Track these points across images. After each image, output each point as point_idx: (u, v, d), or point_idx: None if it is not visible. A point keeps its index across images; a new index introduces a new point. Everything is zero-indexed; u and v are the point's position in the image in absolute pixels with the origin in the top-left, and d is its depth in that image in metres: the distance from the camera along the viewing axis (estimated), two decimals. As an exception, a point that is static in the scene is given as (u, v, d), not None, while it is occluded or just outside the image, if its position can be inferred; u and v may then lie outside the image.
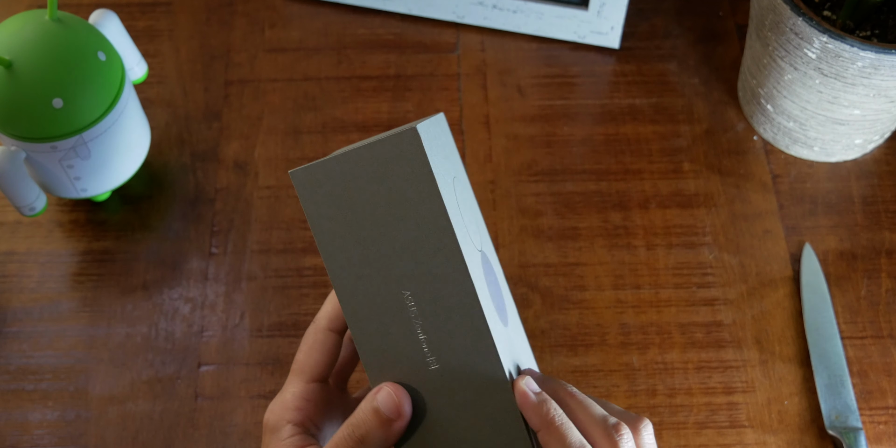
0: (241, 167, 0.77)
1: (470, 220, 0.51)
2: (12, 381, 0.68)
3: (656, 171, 0.77)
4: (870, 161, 0.77)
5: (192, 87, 0.81)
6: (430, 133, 0.49)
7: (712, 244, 0.73)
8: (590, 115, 0.79)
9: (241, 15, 0.85)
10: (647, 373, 0.68)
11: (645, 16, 0.85)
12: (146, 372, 0.69)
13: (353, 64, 0.82)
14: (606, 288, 0.72)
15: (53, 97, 0.64)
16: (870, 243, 0.73)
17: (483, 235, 0.54)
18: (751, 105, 0.78)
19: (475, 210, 0.54)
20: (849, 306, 0.71)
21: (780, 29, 0.69)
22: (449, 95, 0.80)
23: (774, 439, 0.66)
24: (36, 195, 0.69)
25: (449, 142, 0.53)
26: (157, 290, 0.72)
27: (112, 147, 0.69)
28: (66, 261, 0.73)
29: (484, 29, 0.84)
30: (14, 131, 0.66)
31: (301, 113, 0.80)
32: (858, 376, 0.68)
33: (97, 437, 0.66)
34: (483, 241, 0.53)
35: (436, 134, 0.50)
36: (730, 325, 0.70)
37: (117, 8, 0.84)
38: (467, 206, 0.52)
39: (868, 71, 0.66)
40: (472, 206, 0.53)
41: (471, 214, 0.52)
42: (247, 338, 0.70)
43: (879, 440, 0.65)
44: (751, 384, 0.68)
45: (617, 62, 0.82)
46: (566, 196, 0.75)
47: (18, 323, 0.71)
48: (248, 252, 0.73)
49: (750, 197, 0.75)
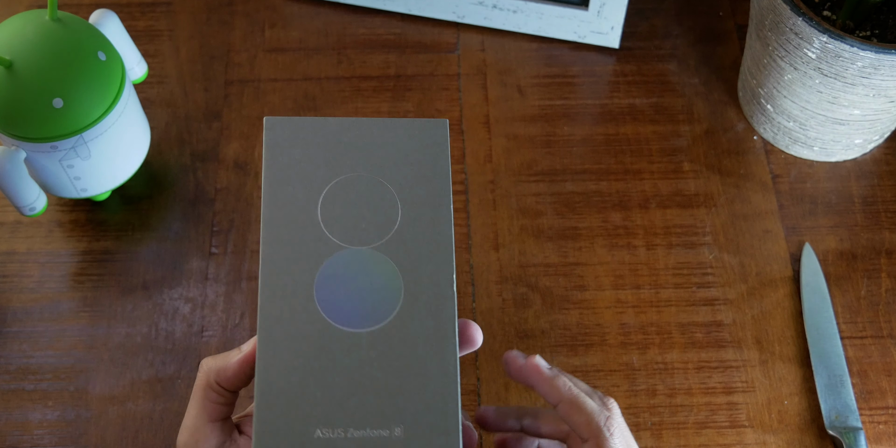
0: (241, 167, 0.77)
1: (360, 219, 0.52)
2: (12, 381, 0.68)
3: (656, 171, 0.77)
4: (870, 161, 0.77)
5: (192, 87, 0.81)
6: (311, 130, 0.52)
7: (712, 244, 0.73)
8: (590, 115, 0.79)
9: (241, 15, 0.85)
10: (647, 373, 0.68)
11: (645, 16, 0.85)
12: (146, 372, 0.69)
13: (353, 64, 0.82)
14: (606, 288, 0.72)
15: (53, 97, 0.64)
16: (870, 243, 0.73)
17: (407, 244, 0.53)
18: (751, 105, 0.78)
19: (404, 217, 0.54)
20: (849, 306, 0.71)
21: (780, 29, 0.69)
22: (449, 95, 0.80)
23: (774, 439, 0.66)
24: (36, 195, 0.69)
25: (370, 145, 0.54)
26: (157, 290, 0.72)
27: (112, 147, 0.69)
28: (66, 261, 0.73)
29: (484, 29, 0.84)
30: (14, 131, 0.66)
31: (301, 113, 0.80)
32: (858, 376, 0.68)
33: (97, 437, 0.66)
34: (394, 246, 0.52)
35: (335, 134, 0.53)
36: (730, 325, 0.70)
37: (117, 8, 0.84)
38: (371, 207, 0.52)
39: (868, 71, 0.66)
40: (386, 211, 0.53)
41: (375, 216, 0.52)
42: (247, 338, 0.70)
43: (879, 440, 0.66)
44: (751, 384, 0.68)
45: (617, 62, 0.82)
46: (566, 196, 0.75)
47: (18, 323, 0.71)
48: (248, 252, 0.73)
49: (750, 197, 0.75)
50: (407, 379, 0.49)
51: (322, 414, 0.48)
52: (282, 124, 0.52)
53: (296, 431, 0.47)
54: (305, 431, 0.47)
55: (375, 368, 0.49)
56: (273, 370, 0.48)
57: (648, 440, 0.66)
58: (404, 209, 0.52)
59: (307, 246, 0.51)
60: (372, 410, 0.48)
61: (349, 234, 0.51)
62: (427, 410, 0.48)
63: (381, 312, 0.50)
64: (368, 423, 0.48)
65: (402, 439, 0.47)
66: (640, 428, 0.66)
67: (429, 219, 0.51)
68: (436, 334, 0.49)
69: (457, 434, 0.48)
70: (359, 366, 0.49)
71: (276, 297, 0.50)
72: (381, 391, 0.48)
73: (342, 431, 0.48)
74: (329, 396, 0.48)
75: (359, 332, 0.49)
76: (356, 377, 0.48)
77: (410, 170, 0.52)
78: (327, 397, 0.48)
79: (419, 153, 0.52)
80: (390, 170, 0.52)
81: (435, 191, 0.52)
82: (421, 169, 0.52)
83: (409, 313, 0.50)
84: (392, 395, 0.48)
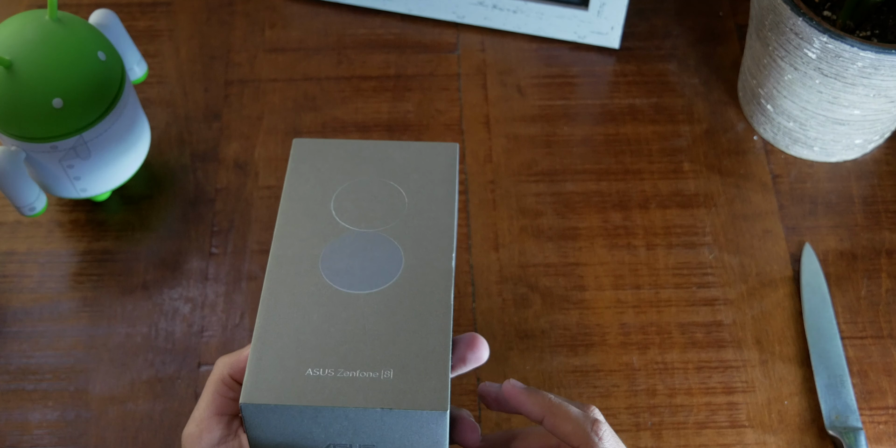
0: (241, 167, 0.77)
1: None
2: (12, 381, 0.68)
3: (656, 171, 0.77)
4: (870, 161, 0.77)
5: (192, 87, 0.81)
6: (320, 150, 0.58)
7: (712, 244, 0.73)
8: (590, 115, 0.79)
9: (241, 15, 0.85)
10: (647, 373, 0.68)
11: (645, 16, 0.85)
12: (146, 372, 0.69)
13: (353, 64, 0.82)
14: (606, 288, 0.72)
15: (53, 97, 0.64)
16: (870, 243, 0.73)
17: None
18: (751, 105, 0.78)
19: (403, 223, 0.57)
20: (849, 306, 0.71)
21: (780, 29, 0.69)
22: (449, 95, 0.80)
23: (774, 439, 0.66)
24: (36, 195, 0.69)
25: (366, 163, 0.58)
26: (157, 290, 0.72)
27: (112, 147, 0.69)
28: (66, 261, 0.73)
29: (484, 29, 0.84)
30: (14, 131, 0.66)
31: (301, 113, 0.80)
32: (858, 376, 0.68)
33: (97, 437, 0.66)
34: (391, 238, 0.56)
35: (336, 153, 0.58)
36: (730, 325, 0.70)
37: (117, 8, 0.84)
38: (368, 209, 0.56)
39: (868, 71, 0.66)
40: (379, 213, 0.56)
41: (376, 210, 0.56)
42: (247, 338, 0.70)
43: (879, 440, 0.66)
44: (751, 384, 0.68)
45: (617, 62, 0.82)
46: (566, 196, 0.75)
47: (18, 323, 0.71)
48: (248, 252, 0.73)
49: (750, 197, 0.75)
50: (401, 332, 0.51)
51: (314, 356, 0.50)
52: (308, 144, 0.58)
53: (288, 369, 0.49)
54: (297, 370, 0.49)
55: (371, 323, 0.51)
56: (272, 320, 0.51)
57: (648, 440, 0.66)
58: (411, 204, 0.56)
59: (317, 227, 0.55)
60: (364, 355, 0.50)
61: (358, 220, 0.55)
62: (418, 357, 0.50)
63: (381, 279, 0.53)
64: (359, 366, 0.50)
65: (391, 381, 0.49)
66: (640, 428, 0.66)
67: (434, 211, 0.55)
68: (432, 298, 0.52)
69: (446, 377, 0.49)
70: (355, 320, 0.51)
71: (282, 263, 0.53)
72: (374, 341, 0.51)
73: (332, 371, 0.49)
74: (323, 342, 0.50)
75: (357, 293, 0.52)
76: (351, 329, 0.51)
77: (420, 176, 0.57)
78: (321, 343, 0.50)
79: (429, 165, 0.57)
80: (401, 176, 0.57)
81: (441, 193, 0.56)
82: (430, 176, 0.57)
83: (407, 280, 0.53)
84: (385, 344, 0.50)
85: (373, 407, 0.48)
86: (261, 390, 0.49)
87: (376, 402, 0.48)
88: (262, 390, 0.49)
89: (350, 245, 0.54)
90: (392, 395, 0.49)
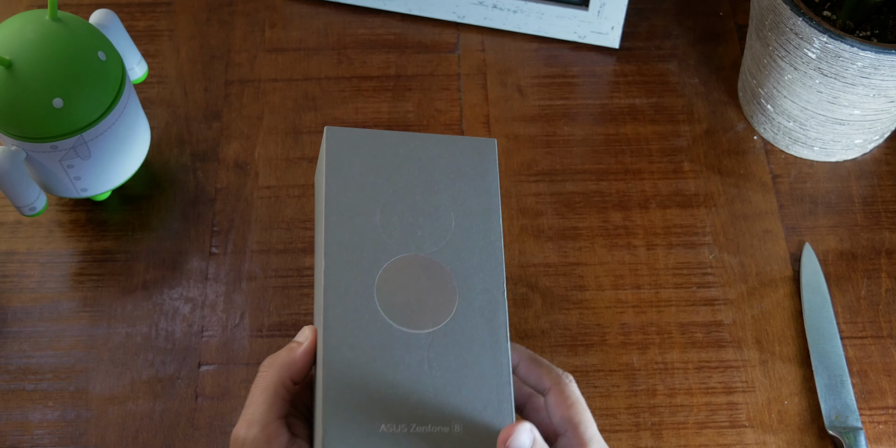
0: (241, 167, 0.77)
1: (415, 227, 0.55)
2: (12, 380, 0.68)
3: (656, 171, 0.77)
4: (870, 161, 0.77)
5: (192, 87, 0.81)
6: (370, 145, 0.56)
7: (712, 244, 0.73)
8: (590, 115, 0.79)
9: (241, 15, 0.85)
10: (647, 373, 0.68)
11: (645, 16, 0.85)
12: (146, 372, 0.69)
13: (353, 64, 0.82)
14: (606, 288, 0.72)
15: (53, 97, 0.64)
16: (870, 243, 0.73)
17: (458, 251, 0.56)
18: (751, 105, 0.78)
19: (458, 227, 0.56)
20: (849, 306, 0.71)
21: (780, 29, 0.69)
22: (449, 95, 0.80)
23: (774, 439, 0.66)
24: (36, 195, 0.69)
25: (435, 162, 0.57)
26: (157, 290, 0.72)
27: (112, 147, 0.69)
28: (66, 261, 0.73)
29: (484, 29, 0.84)
30: (14, 131, 0.66)
31: (301, 113, 0.80)
32: (858, 376, 0.68)
33: (97, 437, 0.66)
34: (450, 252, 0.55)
35: (390, 148, 0.56)
36: (730, 325, 0.70)
37: (117, 8, 0.84)
38: (424, 215, 0.55)
39: (868, 71, 0.66)
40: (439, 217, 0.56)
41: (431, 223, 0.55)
42: (247, 338, 0.70)
43: (879, 440, 0.66)
44: (751, 384, 0.68)
45: (617, 62, 0.82)
46: (566, 196, 0.75)
47: (18, 323, 0.71)
48: (248, 252, 0.73)
49: (750, 197, 0.75)
50: (464, 378, 0.51)
51: (386, 410, 0.50)
52: (342, 135, 0.56)
53: (362, 426, 0.50)
54: (371, 426, 0.50)
55: (434, 368, 0.51)
56: (338, 368, 0.51)
57: (648, 440, 0.66)
58: (457, 219, 0.55)
59: (368, 251, 0.53)
60: (432, 408, 0.51)
61: (406, 240, 0.54)
62: (484, 409, 0.51)
63: (439, 315, 0.53)
64: (429, 420, 0.50)
65: (461, 435, 0.50)
66: (640, 428, 0.66)
67: (480, 228, 0.55)
68: (489, 337, 0.53)
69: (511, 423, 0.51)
70: (418, 365, 0.51)
71: (339, 298, 0.52)
72: (440, 390, 0.51)
73: (405, 426, 0.50)
74: (392, 394, 0.51)
75: (418, 333, 0.52)
76: (416, 376, 0.51)
77: (462, 184, 0.56)
78: (390, 395, 0.51)
79: (470, 169, 0.56)
80: (444, 183, 0.56)
81: (485, 204, 0.56)
82: (472, 183, 0.56)
83: (464, 316, 0.53)
84: (451, 393, 0.51)
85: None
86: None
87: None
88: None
89: (403, 272, 0.53)
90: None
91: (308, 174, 0.76)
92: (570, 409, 0.53)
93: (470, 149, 0.57)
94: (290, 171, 0.77)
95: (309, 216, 0.75)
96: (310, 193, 0.76)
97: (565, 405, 0.53)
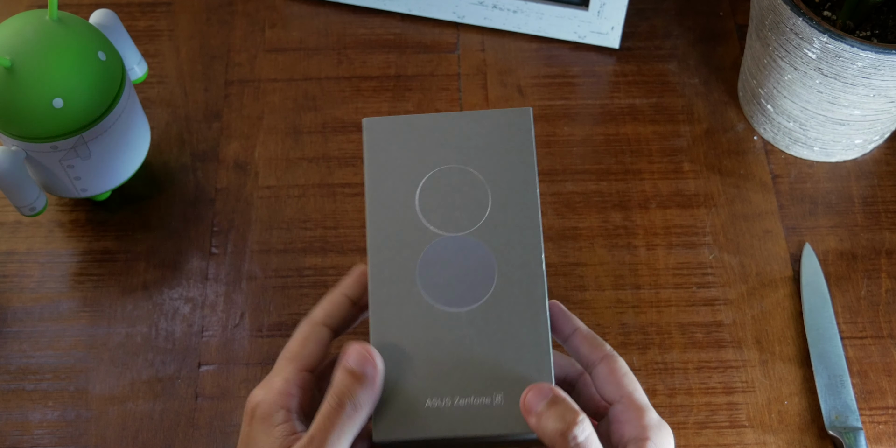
0: (241, 167, 0.77)
1: (452, 208, 0.57)
2: (12, 381, 0.68)
3: (656, 171, 0.77)
4: (870, 161, 0.77)
5: (192, 87, 0.81)
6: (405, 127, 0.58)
7: (712, 244, 0.73)
8: (590, 115, 0.79)
9: (241, 15, 0.85)
10: (647, 373, 0.68)
11: (645, 16, 0.85)
12: (146, 372, 0.69)
13: (353, 64, 0.82)
14: (606, 288, 0.72)
15: (53, 97, 0.64)
16: (870, 243, 0.73)
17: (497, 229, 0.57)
18: (751, 105, 0.78)
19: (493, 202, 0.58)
20: (849, 306, 0.71)
21: (780, 29, 0.69)
22: (449, 95, 0.80)
23: (774, 439, 0.66)
24: (36, 195, 0.69)
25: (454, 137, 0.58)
26: (157, 290, 0.72)
27: (112, 147, 0.69)
28: (66, 261, 0.73)
29: (484, 29, 0.84)
30: (14, 131, 0.66)
31: (301, 113, 0.80)
32: (858, 376, 0.68)
33: (97, 437, 0.66)
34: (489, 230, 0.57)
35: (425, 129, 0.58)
36: (730, 325, 0.70)
37: (117, 8, 0.84)
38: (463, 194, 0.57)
39: (868, 71, 0.66)
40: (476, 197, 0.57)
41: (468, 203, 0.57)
42: (247, 338, 0.70)
43: (879, 440, 0.66)
44: (751, 384, 0.68)
45: (617, 62, 0.82)
46: (566, 196, 0.75)
47: (18, 323, 0.71)
48: (248, 252, 0.73)
49: (750, 197, 0.75)
50: (505, 351, 0.53)
51: (430, 385, 0.53)
52: (379, 124, 0.58)
53: (409, 403, 0.53)
54: (417, 402, 0.53)
55: (475, 343, 0.54)
56: (385, 349, 0.53)
57: (648, 440, 0.66)
58: (494, 196, 0.56)
59: (408, 235, 0.56)
60: (474, 380, 0.53)
61: (445, 222, 0.56)
62: (524, 379, 0.53)
63: (478, 292, 0.55)
64: (472, 392, 0.53)
65: (503, 405, 0.52)
66: (640, 428, 0.66)
67: (517, 204, 0.56)
68: (529, 310, 0.54)
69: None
70: (460, 341, 0.54)
71: (383, 283, 0.55)
72: (481, 363, 0.53)
73: (449, 400, 0.53)
74: (436, 370, 0.53)
75: (458, 312, 0.54)
76: (458, 352, 0.54)
77: (498, 158, 0.57)
78: (434, 371, 0.53)
79: (505, 141, 0.57)
80: (480, 159, 0.57)
81: (521, 177, 0.57)
82: (507, 156, 0.57)
83: (503, 292, 0.54)
84: (492, 366, 0.53)
85: (490, 434, 0.52)
86: (390, 427, 0.52)
87: (493, 428, 0.52)
88: (391, 427, 0.52)
89: (443, 253, 0.55)
90: (506, 421, 0.52)
91: (308, 174, 0.77)
92: (623, 377, 0.53)
93: (504, 121, 0.58)
94: (290, 171, 0.77)
95: (309, 216, 0.75)
96: (310, 193, 0.76)
97: (618, 375, 0.53)
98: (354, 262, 0.72)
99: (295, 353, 0.53)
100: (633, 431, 0.51)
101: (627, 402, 0.52)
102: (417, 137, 0.58)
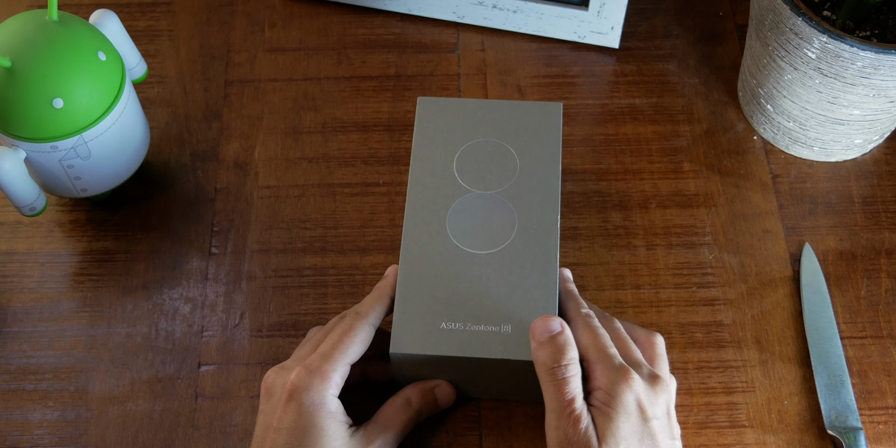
0: (241, 167, 0.77)
1: (483, 171, 0.66)
2: (12, 381, 0.68)
3: (656, 171, 0.77)
4: (870, 161, 0.77)
5: (192, 87, 0.81)
6: (444, 108, 0.68)
7: (712, 244, 0.73)
8: (590, 115, 0.79)
9: (241, 15, 0.85)
10: (646, 373, 0.68)
11: (645, 16, 0.85)
12: (146, 372, 0.69)
13: (353, 64, 0.82)
14: (606, 288, 0.72)
15: (53, 97, 0.64)
16: (870, 243, 0.73)
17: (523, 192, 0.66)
18: (751, 105, 0.78)
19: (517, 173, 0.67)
20: (849, 306, 0.71)
21: (780, 29, 0.69)
22: (449, 95, 0.80)
23: (774, 439, 0.66)
24: (36, 195, 0.69)
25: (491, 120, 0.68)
26: (157, 290, 0.72)
27: (112, 147, 0.69)
28: (66, 261, 0.73)
29: (484, 29, 0.84)
30: (14, 131, 0.66)
31: (301, 113, 0.80)
32: (858, 376, 0.68)
33: (97, 437, 0.66)
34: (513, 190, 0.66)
35: (458, 111, 0.68)
36: (730, 325, 0.70)
37: (117, 8, 0.84)
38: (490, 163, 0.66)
39: (868, 71, 0.66)
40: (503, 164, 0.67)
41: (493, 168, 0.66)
42: (247, 338, 0.70)
43: (879, 440, 0.66)
44: (751, 384, 0.68)
45: (617, 62, 0.82)
46: (566, 196, 0.75)
47: (18, 323, 0.71)
48: (248, 252, 0.73)
49: (750, 197, 0.75)
50: (516, 290, 0.62)
51: (447, 311, 0.61)
52: (430, 103, 0.68)
53: (426, 322, 0.61)
54: (434, 323, 0.61)
55: (491, 280, 0.62)
56: (411, 278, 0.62)
57: (648, 440, 0.66)
58: (522, 165, 0.66)
59: (443, 189, 0.65)
60: (487, 311, 0.61)
61: (476, 181, 0.65)
62: (530, 314, 0.61)
63: (498, 240, 0.63)
64: (483, 321, 0.61)
65: (510, 334, 0.60)
66: (639, 428, 0.66)
67: (542, 173, 0.65)
68: (542, 258, 0.63)
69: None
70: (478, 278, 0.62)
71: (415, 225, 0.64)
72: (494, 298, 0.61)
73: (462, 325, 0.61)
74: (453, 299, 0.61)
75: (479, 253, 0.63)
76: (475, 286, 0.62)
77: (529, 137, 0.67)
78: (452, 300, 0.61)
79: (538, 127, 0.67)
80: (513, 137, 0.67)
81: (548, 154, 0.66)
82: (538, 136, 0.67)
83: (520, 242, 0.63)
84: (503, 301, 0.61)
85: (495, 357, 0.60)
86: (406, 342, 0.60)
87: (498, 353, 0.60)
88: (407, 342, 0.60)
89: (471, 206, 0.64)
90: (511, 347, 0.60)
91: (308, 174, 0.77)
92: (582, 332, 0.61)
93: (538, 111, 0.68)
94: (290, 171, 0.77)
95: (308, 216, 0.75)
96: (309, 193, 0.76)
97: (578, 332, 0.61)
98: (354, 262, 0.72)
99: (349, 350, 0.60)
100: (595, 382, 0.58)
101: (588, 357, 0.59)
102: (461, 115, 0.68)
